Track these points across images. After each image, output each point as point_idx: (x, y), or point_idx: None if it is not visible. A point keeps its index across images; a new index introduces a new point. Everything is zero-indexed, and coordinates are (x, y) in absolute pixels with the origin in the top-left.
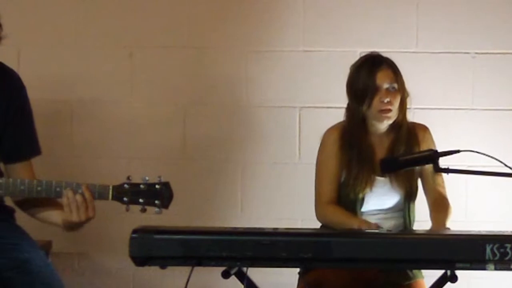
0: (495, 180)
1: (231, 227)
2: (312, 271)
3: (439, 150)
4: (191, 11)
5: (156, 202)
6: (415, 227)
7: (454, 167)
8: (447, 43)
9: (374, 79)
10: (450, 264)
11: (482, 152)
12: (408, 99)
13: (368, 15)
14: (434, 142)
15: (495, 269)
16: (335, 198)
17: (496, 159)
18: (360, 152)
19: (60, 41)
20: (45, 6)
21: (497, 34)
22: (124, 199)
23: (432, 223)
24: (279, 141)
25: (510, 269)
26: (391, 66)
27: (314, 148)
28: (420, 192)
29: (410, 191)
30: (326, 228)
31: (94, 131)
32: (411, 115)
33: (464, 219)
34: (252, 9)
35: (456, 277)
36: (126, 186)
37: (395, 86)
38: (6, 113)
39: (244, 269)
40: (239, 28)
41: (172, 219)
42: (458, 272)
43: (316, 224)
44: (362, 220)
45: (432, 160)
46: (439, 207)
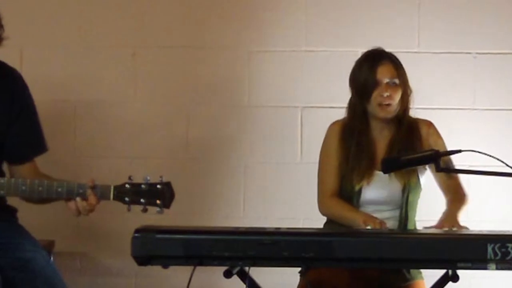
0: (496, 180)
1: (233, 227)
2: (313, 270)
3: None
4: (194, 11)
5: (158, 202)
6: (416, 225)
7: (455, 167)
8: (448, 43)
9: (374, 73)
10: (451, 264)
11: (483, 152)
12: (411, 97)
13: (370, 16)
14: (440, 136)
15: (497, 268)
16: (337, 190)
17: (498, 159)
18: (359, 145)
19: (63, 41)
20: (47, 7)
21: (498, 34)
22: (126, 199)
23: (446, 210)
24: (281, 141)
25: (511, 268)
26: (393, 61)
27: (316, 148)
28: (421, 192)
29: (409, 186)
30: (329, 224)
31: (96, 131)
32: (412, 115)
33: (465, 219)
34: (254, 9)
35: (457, 276)
36: (127, 186)
37: (395, 81)
38: (10, 113)
39: (246, 268)
40: (242, 28)
41: (174, 218)
42: (460, 272)
43: (318, 223)
44: (367, 215)
45: (434, 160)
46: (453, 198)
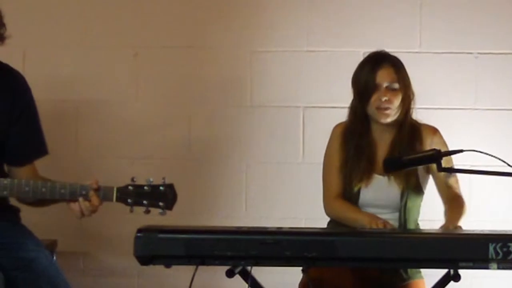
0: (498, 179)
1: (235, 227)
2: (314, 268)
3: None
4: (196, 11)
5: (160, 203)
6: (420, 226)
7: (457, 167)
8: (450, 43)
9: (374, 77)
10: (453, 263)
11: (485, 151)
12: (414, 100)
13: (372, 16)
14: (445, 144)
15: (498, 268)
16: (341, 191)
17: (499, 159)
18: (358, 147)
19: (65, 42)
20: (50, 7)
21: (500, 34)
22: (128, 200)
23: (445, 221)
24: (283, 140)
25: None
26: (394, 65)
27: (318, 147)
28: (423, 191)
29: (407, 189)
30: (332, 224)
31: (99, 132)
32: (414, 115)
33: (467, 218)
34: (256, 9)
35: (459, 276)
36: (130, 187)
37: (395, 85)
38: (11, 115)
39: (248, 268)
40: (244, 28)
41: (176, 218)
42: (461, 271)
43: (319, 223)
44: (372, 216)
45: (435, 160)
46: (452, 206)
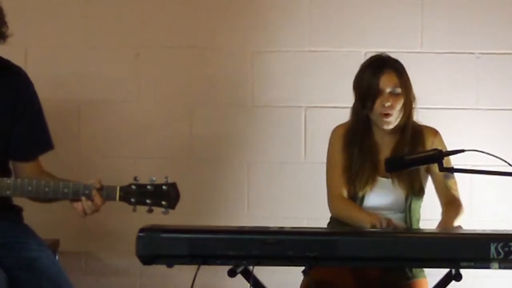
0: (499, 179)
1: (237, 226)
2: (315, 268)
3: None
4: (198, 11)
5: (163, 203)
6: (420, 226)
7: (458, 167)
8: (451, 43)
9: (377, 82)
10: (454, 263)
11: (486, 151)
12: (415, 103)
13: (373, 16)
14: (445, 146)
15: (499, 267)
16: (345, 191)
17: (501, 159)
18: (362, 150)
19: (67, 41)
20: (52, 7)
21: (501, 34)
22: (131, 200)
23: (440, 221)
24: (284, 140)
25: None
26: (396, 69)
27: (320, 147)
28: (424, 192)
29: (412, 192)
30: (332, 225)
31: (101, 131)
32: (415, 115)
33: (468, 218)
34: (258, 9)
35: (460, 275)
36: (133, 187)
37: (398, 90)
38: (14, 111)
39: (250, 267)
40: (246, 28)
41: (179, 218)
42: (463, 271)
43: (321, 223)
44: (375, 216)
45: (437, 159)
46: (449, 207)
